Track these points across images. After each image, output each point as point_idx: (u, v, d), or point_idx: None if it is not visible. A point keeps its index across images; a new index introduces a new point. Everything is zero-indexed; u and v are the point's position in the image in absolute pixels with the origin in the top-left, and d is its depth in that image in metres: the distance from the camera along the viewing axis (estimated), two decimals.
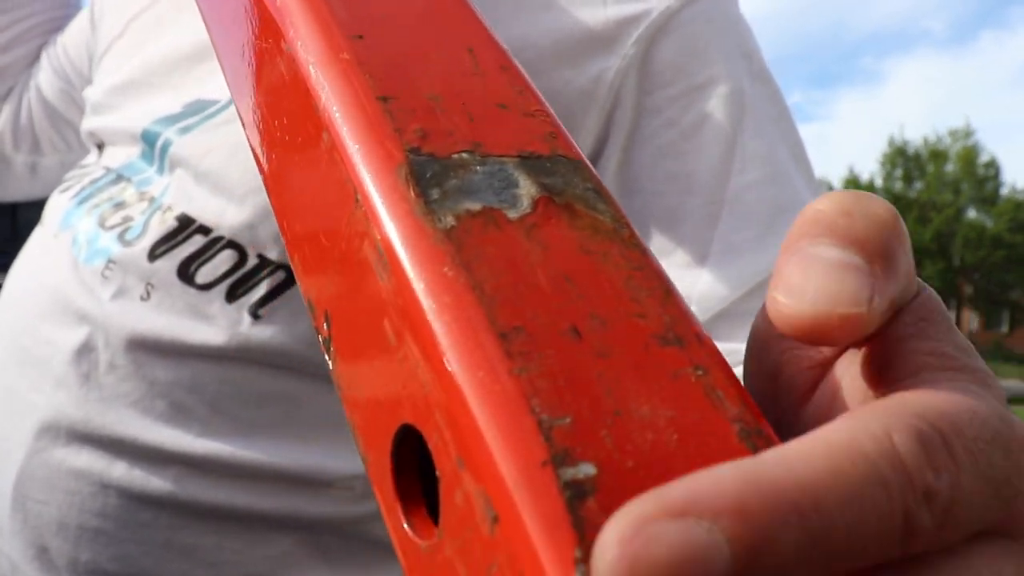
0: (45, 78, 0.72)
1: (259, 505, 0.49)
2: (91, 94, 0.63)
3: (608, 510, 0.13)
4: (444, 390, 0.15)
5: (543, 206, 0.18)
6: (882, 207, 0.17)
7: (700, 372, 0.16)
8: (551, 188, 0.18)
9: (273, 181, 0.24)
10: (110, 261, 0.50)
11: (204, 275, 0.49)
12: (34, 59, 0.74)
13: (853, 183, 26.54)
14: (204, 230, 0.49)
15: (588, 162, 0.20)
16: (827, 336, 0.15)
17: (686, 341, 0.16)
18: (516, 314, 0.15)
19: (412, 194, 0.17)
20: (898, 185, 26.73)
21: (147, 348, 0.49)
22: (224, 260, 0.49)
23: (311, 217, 0.21)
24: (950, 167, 26.26)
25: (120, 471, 0.48)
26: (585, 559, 0.13)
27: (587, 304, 0.16)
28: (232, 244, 0.49)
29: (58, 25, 0.75)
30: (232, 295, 0.48)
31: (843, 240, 0.16)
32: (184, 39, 0.57)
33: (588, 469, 0.14)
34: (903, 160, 26.85)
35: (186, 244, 0.49)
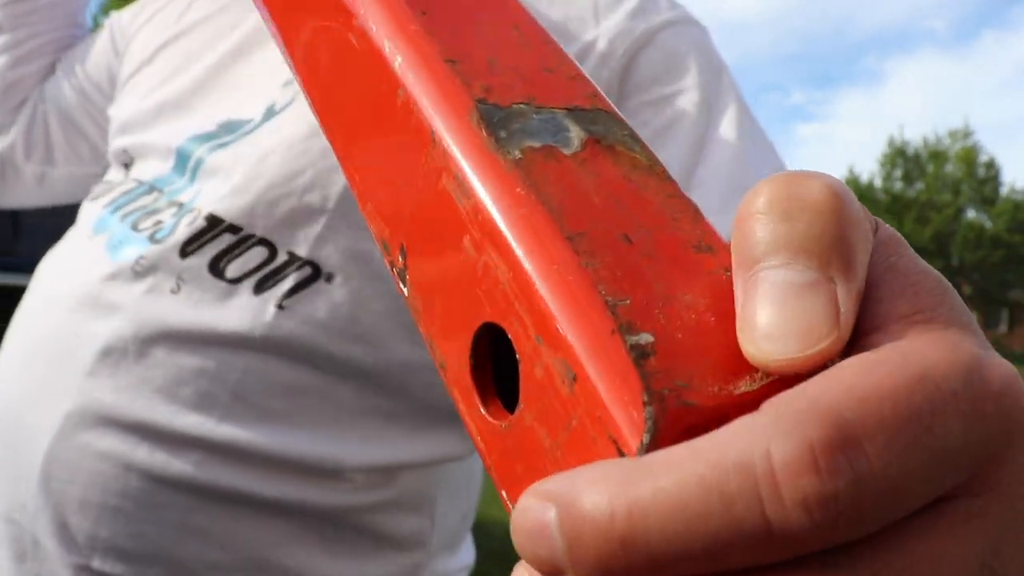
0: (62, 92, 0.75)
1: (270, 491, 0.52)
2: (119, 113, 0.67)
3: (665, 369, 0.16)
4: (524, 284, 0.18)
5: (591, 146, 0.21)
6: (818, 191, 0.17)
7: (729, 273, 0.18)
8: (596, 134, 0.21)
9: (344, 144, 0.26)
10: (140, 257, 0.54)
11: (234, 270, 0.52)
12: (47, 74, 0.78)
13: (853, 183, 26.57)
14: (234, 229, 0.53)
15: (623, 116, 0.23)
16: (811, 371, 0.16)
17: (716, 249, 0.19)
18: (579, 223, 0.18)
19: (484, 133, 0.20)
20: (898, 185, 26.75)
21: (177, 338, 0.52)
22: (255, 256, 0.52)
23: (385, 165, 0.24)
24: (950, 167, 26.28)
25: (143, 454, 0.51)
26: (650, 402, 0.15)
27: (634, 218, 0.19)
28: (263, 241, 0.52)
29: (69, 43, 0.78)
30: (260, 288, 0.52)
31: (793, 252, 0.16)
32: (210, 64, 0.62)
33: (648, 337, 0.16)
34: (903, 160, 26.87)
35: (216, 241, 0.53)
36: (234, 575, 0.52)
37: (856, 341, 0.16)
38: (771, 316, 0.16)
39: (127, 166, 0.64)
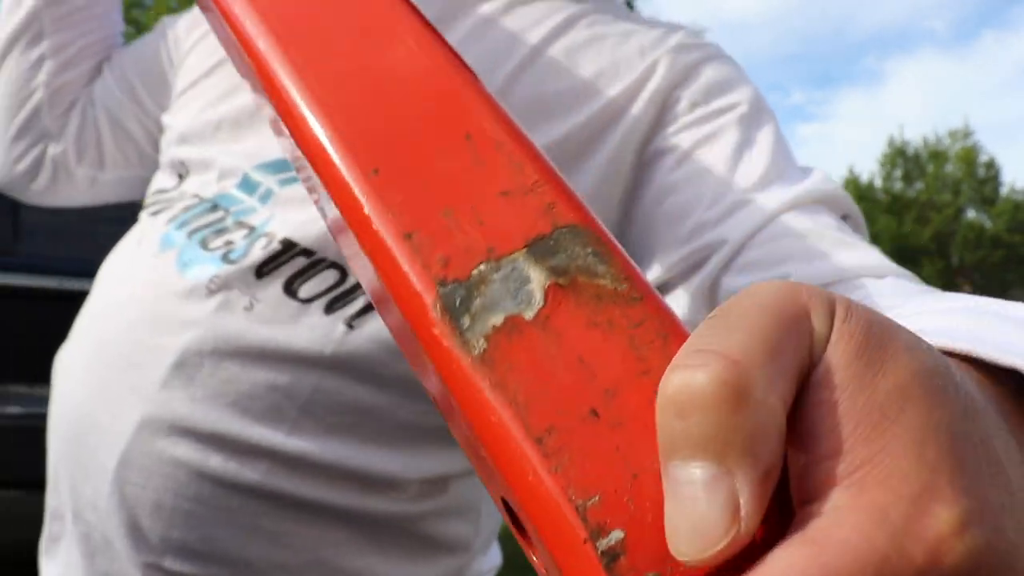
0: (111, 95, 0.76)
1: (332, 499, 0.55)
2: (175, 123, 0.68)
3: (635, 564, 0.17)
4: (508, 487, 0.19)
5: (552, 294, 0.21)
6: (706, 384, 0.17)
7: None
8: (558, 270, 0.21)
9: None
10: (215, 276, 0.57)
11: (307, 291, 0.56)
12: (94, 76, 0.78)
13: (853, 183, 26.61)
14: (307, 253, 0.56)
15: (587, 213, 0.23)
16: (724, 562, 0.16)
17: None
18: (546, 415, 0.19)
19: (448, 327, 0.21)
20: (898, 185, 26.79)
21: (250, 354, 0.54)
22: (326, 278, 0.56)
23: (404, 334, 0.24)
24: (950, 167, 26.31)
25: (216, 462, 0.53)
26: None
27: (600, 382, 0.20)
28: (334, 265, 0.56)
29: (110, 44, 0.79)
30: (331, 308, 0.55)
31: (690, 451, 0.17)
32: None
33: (618, 535, 0.17)
34: (903, 160, 26.90)
35: (290, 264, 0.56)
36: (298, 575, 0.55)
37: (800, 508, 0.17)
38: (676, 516, 0.17)
39: (181, 176, 0.66)
